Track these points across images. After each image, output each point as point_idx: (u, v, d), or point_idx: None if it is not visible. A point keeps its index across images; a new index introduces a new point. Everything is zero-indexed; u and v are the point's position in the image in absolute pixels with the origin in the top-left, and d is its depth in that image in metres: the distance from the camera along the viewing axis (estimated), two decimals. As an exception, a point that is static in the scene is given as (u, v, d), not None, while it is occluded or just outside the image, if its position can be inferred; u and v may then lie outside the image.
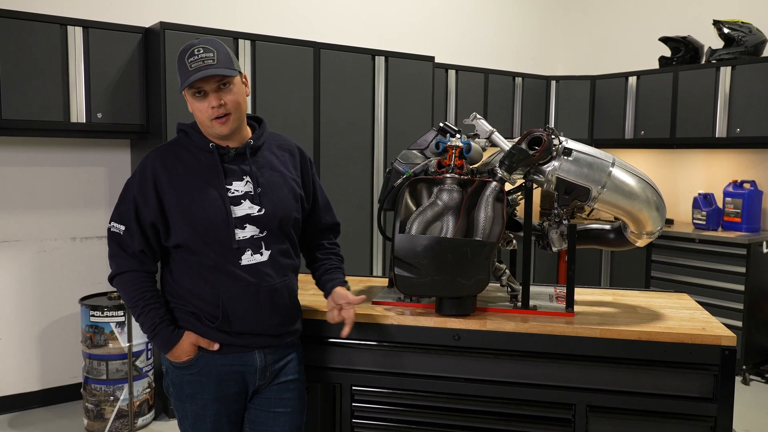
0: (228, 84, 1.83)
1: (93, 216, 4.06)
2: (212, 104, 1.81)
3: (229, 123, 1.84)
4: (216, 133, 1.86)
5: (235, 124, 1.86)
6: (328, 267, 2.13)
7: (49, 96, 3.50)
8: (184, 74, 1.80)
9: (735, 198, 4.84)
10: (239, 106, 1.86)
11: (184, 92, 1.85)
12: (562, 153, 2.12)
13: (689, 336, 2.00)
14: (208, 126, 1.85)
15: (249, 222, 1.87)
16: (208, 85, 1.81)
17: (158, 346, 1.88)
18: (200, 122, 1.87)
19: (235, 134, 1.90)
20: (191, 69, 1.79)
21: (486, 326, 2.08)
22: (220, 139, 1.89)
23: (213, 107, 1.81)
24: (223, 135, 1.86)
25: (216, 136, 1.87)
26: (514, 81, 5.63)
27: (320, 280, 2.13)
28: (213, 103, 1.81)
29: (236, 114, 1.86)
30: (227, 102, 1.82)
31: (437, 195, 2.14)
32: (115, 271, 1.89)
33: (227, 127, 1.85)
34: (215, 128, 1.84)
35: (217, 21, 4.31)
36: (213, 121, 1.83)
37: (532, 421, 2.11)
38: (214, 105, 1.81)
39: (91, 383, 3.55)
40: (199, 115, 1.85)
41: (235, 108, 1.85)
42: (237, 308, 1.86)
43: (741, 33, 4.81)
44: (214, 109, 1.81)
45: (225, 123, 1.84)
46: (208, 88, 1.81)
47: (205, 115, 1.83)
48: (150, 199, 1.85)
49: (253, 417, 1.98)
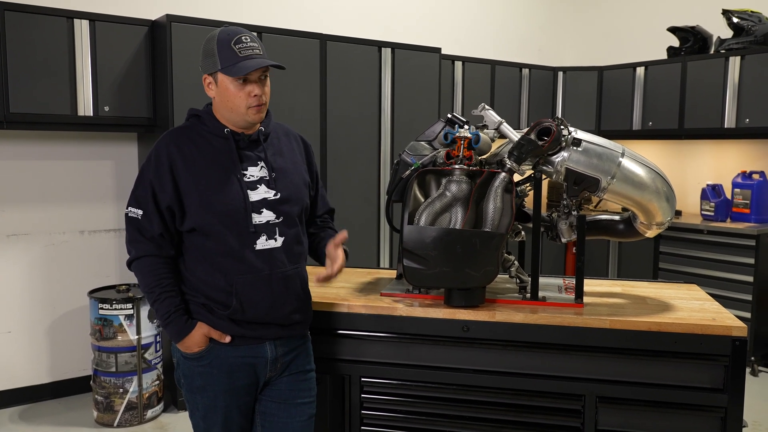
0: (266, 76, 1.91)
1: (101, 209, 4.07)
2: (255, 92, 1.86)
3: (262, 112, 1.91)
4: (250, 120, 1.90)
5: (264, 114, 1.93)
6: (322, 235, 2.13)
7: (56, 89, 3.50)
8: (230, 58, 1.83)
9: (744, 189, 4.81)
10: (269, 98, 1.94)
11: (217, 75, 1.86)
12: (571, 143, 2.11)
13: (699, 327, 1.99)
14: (243, 113, 1.88)
15: (266, 207, 1.89)
16: (255, 74, 1.86)
17: (170, 334, 1.89)
18: (233, 107, 1.88)
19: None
20: (242, 55, 1.83)
21: (495, 317, 2.08)
22: (236, 126, 1.92)
23: (255, 95, 1.86)
24: (254, 123, 1.91)
25: (245, 123, 1.91)
26: (521, 72, 5.60)
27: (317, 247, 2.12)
28: (256, 92, 1.86)
29: (267, 105, 1.94)
30: (266, 93, 1.90)
31: (446, 186, 2.13)
32: (133, 255, 1.90)
33: (260, 116, 1.91)
34: (249, 116, 1.88)
35: (223, 13, 4.30)
36: (250, 109, 1.87)
37: (541, 412, 2.11)
38: (257, 93, 1.86)
39: (101, 375, 3.57)
40: (236, 101, 1.87)
41: (268, 99, 1.92)
42: (251, 295, 1.86)
43: (750, 22, 4.76)
44: (256, 97, 1.87)
45: (259, 112, 1.90)
46: (253, 76, 1.86)
47: (244, 102, 1.86)
48: (166, 182, 1.86)
49: (264, 409, 1.99)
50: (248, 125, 1.91)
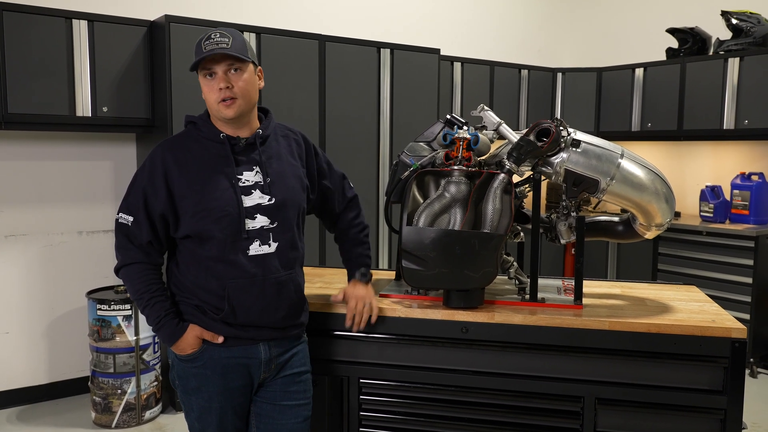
0: (239, 70, 1.85)
1: (99, 210, 4.06)
2: (219, 85, 1.83)
3: (234, 107, 1.85)
4: (222, 115, 1.86)
5: (240, 109, 1.87)
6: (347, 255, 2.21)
7: (54, 90, 3.50)
8: (197, 55, 1.83)
9: (743, 190, 4.80)
10: (248, 94, 1.87)
11: (199, 76, 1.87)
12: (570, 144, 2.11)
13: (699, 328, 1.98)
14: (216, 109, 1.86)
15: (260, 212, 1.88)
16: (219, 67, 1.83)
17: (163, 338, 1.89)
18: (209, 105, 1.88)
19: (244, 124, 1.91)
20: (205, 51, 1.81)
21: (494, 319, 2.07)
22: (230, 129, 1.90)
23: (220, 89, 1.83)
24: (228, 118, 1.87)
25: (222, 119, 1.88)
26: (519, 73, 5.60)
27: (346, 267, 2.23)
28: (221, 85, 1.83)
29: (244, 101, 1.87)
30: (236, 86, 1.84)
31: (445, 187, 2.13)
32: (121, 262, 1.90)
33: (232, 111, 1.85)
34: (221, 111, 1.85)
35: (222, 14, 4.30)
36: (219, 104, 1.85)
37: (540, 414, 2.10)
38: (221, 87, 1.83)
39: (99, 376, 3.56)
40: (209, 96, 1.86)
41: (243, 94, 1.86)
42: (243, 300, 1.86)
43: (749, 24, 4.76)
44: (221, 90, 1.83)
45: (230, 106, 1.85)
46: (219, 69, 1.83)
47: (214, 97, 1.85)
48: (160, 190, 1.85)
49: (259, 410, 1.98)
50: (228, 124, 1.89)
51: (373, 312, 2.08)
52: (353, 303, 2.08)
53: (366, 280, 2.14)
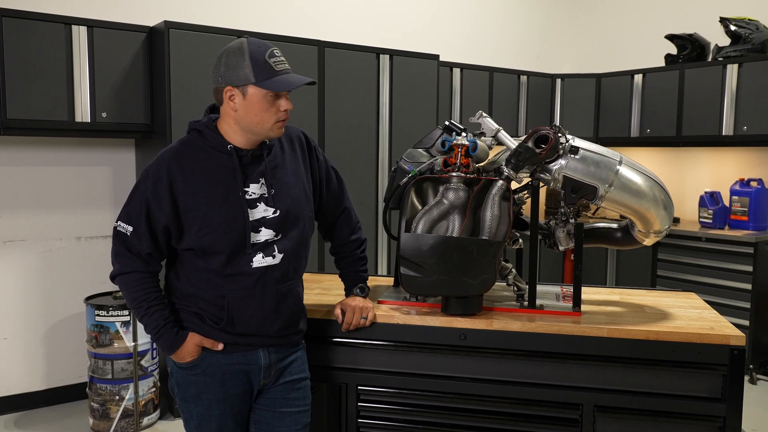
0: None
1: (98, 216, 4.06)
2: (286, 107, 1.82)
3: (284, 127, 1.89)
4: (274, 135, 1.86)
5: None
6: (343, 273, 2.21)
7: (53, 95, 3.50)
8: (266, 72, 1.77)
9: (742, 196, 4.81)
10: None
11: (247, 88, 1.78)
12: (568, 151, 2.10)
13: (698, 335, 1.98)
14: (269, 128, 1.83)
15: (264, 225, 1.86)
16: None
17: (162, 347, 1.88)
18: (259, 121, 1.81)
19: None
20: (278, 69, 1.79)
21: (492, 326, 2.07)
22: (242, 141, 1.86)
23: (286, 110, 1.83)
24: (275, 137, 1.88)
25: (265, 137, 1.87)
26: (519, 79, 5.61)
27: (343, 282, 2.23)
28: (288, 107, 1.83)
29: None
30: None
31: (443, 194, 2.13)
32: (117, 270, 1.87)
33: (282, 131, 1.88)
34: (275, 131, 1.85)
35: (221, 20, 4.30)
36: (277, 123, 1.83)
37: (539, 421, 2.09)
38: (288, 108, 1.83)
39: (97, 383, 3.55)
40: (265, 115, 1.81)
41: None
42: (242, 311, 1.85)
43: (748, 30, 4.78)
44: (286, 112, 1.83)
45: (282, 127, 1.87)
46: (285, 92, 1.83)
47: (273, 117, 1.82)
48: (164, 202, 1.81)
49: (258, 417, 1.97)
50: (266, 139, 1.88)
51: (368, 315, 2.09)
52: (350, 313, 2.09)
53: (364, 295, 2.15)
